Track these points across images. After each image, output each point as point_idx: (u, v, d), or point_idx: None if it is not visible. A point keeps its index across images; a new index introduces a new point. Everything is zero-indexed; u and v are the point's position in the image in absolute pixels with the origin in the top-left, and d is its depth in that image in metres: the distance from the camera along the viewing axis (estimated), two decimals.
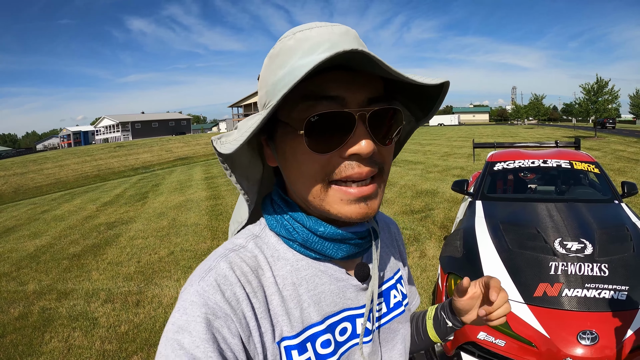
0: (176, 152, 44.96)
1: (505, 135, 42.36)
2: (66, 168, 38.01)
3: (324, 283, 0.79)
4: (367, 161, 0.71)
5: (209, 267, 0.71)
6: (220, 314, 0.66)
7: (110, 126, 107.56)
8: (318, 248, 0.78)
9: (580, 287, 3.12)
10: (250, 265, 0.73)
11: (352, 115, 0.68)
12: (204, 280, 0.69)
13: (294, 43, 0.71)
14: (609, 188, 5.06)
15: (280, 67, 0.71)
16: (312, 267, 0.79)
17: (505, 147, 7.26)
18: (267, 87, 0.73)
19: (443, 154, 23.89)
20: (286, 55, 0.71)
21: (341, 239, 0.78)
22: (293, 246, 0.79)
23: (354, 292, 0.83)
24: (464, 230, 4.24)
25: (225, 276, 0.69)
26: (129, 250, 8.35)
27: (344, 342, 0.81)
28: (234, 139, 0.70)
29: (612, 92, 37.09)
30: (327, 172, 0.71)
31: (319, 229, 0.76)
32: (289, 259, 0.78)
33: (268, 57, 0.76)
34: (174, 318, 0.66)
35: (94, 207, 14.68)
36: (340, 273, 0.82)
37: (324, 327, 0.78)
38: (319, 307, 0.78)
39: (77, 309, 5.60)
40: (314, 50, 0.69)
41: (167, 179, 22.05)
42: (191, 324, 0.64)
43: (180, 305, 0.67)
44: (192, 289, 0.68)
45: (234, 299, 0.68)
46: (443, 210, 9.50)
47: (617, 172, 14.09)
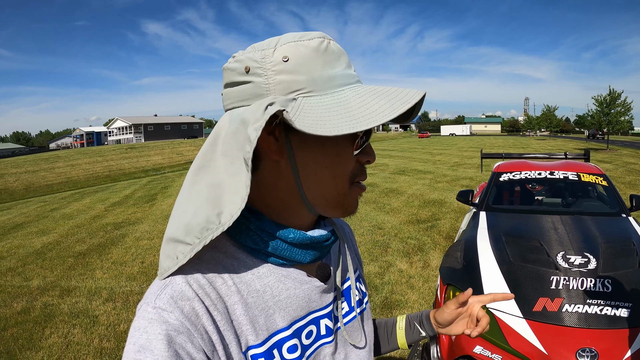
0: (187, 155, 45.21)
1: (516, 146, 42.18)
2: (77, 168, 38.35)
3: (288, 288, 0.79)
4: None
5: (164, 284, 0.70)
6: (182, 330, 0.64)
7: (122, 128, 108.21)
8: (287, 255, 0.77)
9: (582, 302, 3.05)
10: (206, 277, 0.72)
11: (372, 129, 0.75)
12: (160, 298, 0.67)
13: (336, 49, 0.76)
14: (616, 201, 4.97)
15: (329, 66, 0.74)
16: (274, 273, 0.78)
17: (513, 158, 7.23)
18: (312, 75, 0.72)
19: (453, 164, 23.80)
20: (333, 57, 0.75)
21: (309, 244, 0.79)
22: (258, 255, 0.77)
23: (317, 293, 0.84)
24: (465, 241, 4.19)
25: (181, 292, 0.68)
26: (134, 250, 8.39)
27: (310, 345, 0.82)
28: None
29: (624, 104, 36.94)
30: (352, 174, 0.78)
31: (289, 235, 0.76)
32: (250, 266, 0.77)
33: (312, 49, 0.73)
34: (134, 338, 0.63)
35: (103, 207, 14.81)
36: (302, 276, 0.81)
37: (291, 332, 0.78)
38: (285, 313, 0.78)
39: (79, 306, 5.64)
40: (350, 65, 0.79)
41: (177, 182, 22.14)
42: (152, 342, 0.62)
43: (138, 324, 0.65)
44: (149, 308, 0.66)
45: (193, 314, 0.66)
46: (449, 221, 9.45)
47: (628, 185, 13.95)
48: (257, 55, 0.73)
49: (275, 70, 0.72)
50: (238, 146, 0.68)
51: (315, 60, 0.73)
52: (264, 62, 0.72)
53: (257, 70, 0.72)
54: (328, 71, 0.73)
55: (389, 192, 13.66)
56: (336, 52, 0.75)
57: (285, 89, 0.71)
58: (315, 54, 0.73)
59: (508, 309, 3.15)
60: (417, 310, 4.94)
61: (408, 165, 22.80)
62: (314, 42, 0.73)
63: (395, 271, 6.37)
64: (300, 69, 0.72)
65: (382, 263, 6.75)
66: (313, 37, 0.74)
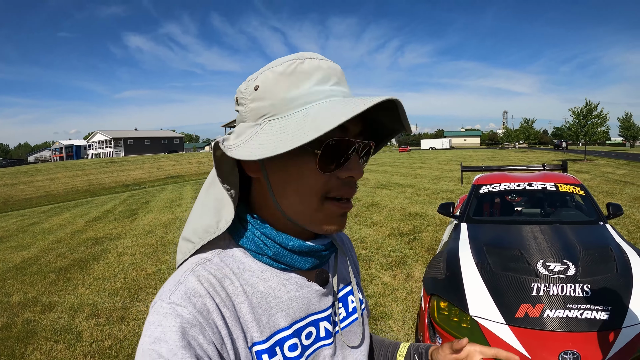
0: (167, 170, 44.91)
1: (495, 159, 42.72)
2: (57, 181, 37.83)
3: (289, 291, 0.84)
4: (354, 183, 0.82)
5: (178, 282, 0.75)
6: (195, 323, 0.69)
7: (102, 141, 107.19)
8: (287, 261, 0.83)
9: (562, 307, 3.14)
10: (217, 277, 0.77)
11: (353, 144, 0.78)
12: (175, 294, 0.72)
13: (308, 68, 0.78)
14: (594, 210, 5.12)
15: (294, 87, 0.77)
16: (277, 276, 0.84)
17: (492, 171, 7.36)
18: (274, 100, 0.77)
19: (433, 177, 24.06)
20: (300, 77, 0.77)
21: (308, 251, 0.85)
22: (262, 259, 0.83)
23: (317, 297, 0.89)
24: (447, 252, 4.26)
25: (194, 289, 0.73)
26: (115, 266, 8.29)
27: (309, 345, 0.87)
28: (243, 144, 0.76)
29: (601, 115, 37.70)
30: (325, 190, 0.79)
31: (289, 243, 0.82)
32: (255, 270, 0.82)
33: (276, 73, 0.78)
34: (149, 331, 0.68)
35: (83, 221, 14.61)
36: (302, 280, 0.87)
37: (291, 332, 0.83)
38: (286, 313, 0.83)
39: (61, 322, 5.55)
40: (326, 80, 0.78)
41: (158, 197, 21.99)
42: (167, 334, 0.66)
43: (153, 319, 0.69)
44: (164, 304, 0.71)
45: (204, 309, 0.71)
46: (431, 233, 9.53)
47: (605, 194, 14.26)
48: (243, 87, 0.83)
49: (249, 99, 0.81)
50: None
51: (279, 85, 0.78)
52: (246, 92, 0.82)
53: (241, 101, 0.83)
54: (292, 92, 0.76)
55: (370, 206, 13.73)
56: (307, 70, 0.77)
57: (255, 116, 0.79)
58: (280, 77, 0.78)
59: (491, 317, 3.23)
60: (401, 322, 4.99)
61: (389, 179, 22.94)
62: (281, 66, 0.78)
63: (379, 284, 6.40)
64: (266, 95, 0.78)
65: (366, 276, 6.78)
66: (285, 61, 0.79)
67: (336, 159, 0.78)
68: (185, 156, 66.74)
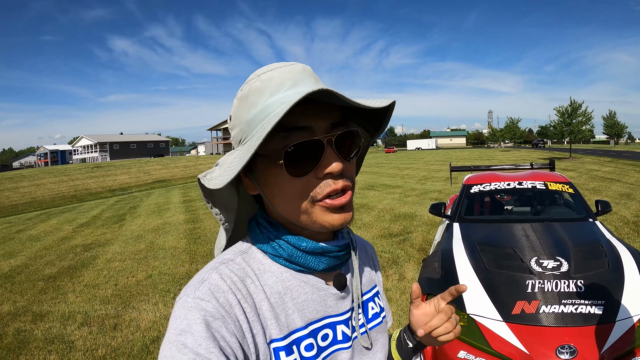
0: (154, 175, 44.69)
1: (482, 159, 42.99)
2: (42, 187, 37.46)
3: (306, 292, 0.87)
4: (339, 177, 0.82)
5: (202, 279, 0.78)
6: (218, 316, 0.72)
7: (88, 146, 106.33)
8: (302, 262, 0.86)
9: (557, 303, 3.19)
10: (238, 276, 0.81)
11: (321, 141, 0.79)
12: (199, 290, 0.75)
13: (260, 84, 0.81)
14: (583, 207, 5.19)
15: (252, 107, 0.81)
16: (295, 278, 0.87)
17: (481, 170, 7.41)
18: (242, 125, 0.83)
19: (421, 177, 24.20)
20: (255, 95, 0.81)
21: (322, 252, 0.88)
22: (278, 261, 0.87)
23: (334, 300, 0.91)
24: (441, 251, 4.29)
25: (217, 285, 0.77)
26: (105, 272, 8.22)
27: (326, 347, 0.88)
28: (219, 175, 0.81)
29: (585, 113, 38.10)
30: (309, 193, 0.80)
31: (302, 244, 0.86)
32: (274, 271, 0.86)
33: (237, 99, 0.85)
34: (175, 324, 0.71)
35: (71, 228, 14.48)
36: (320, 283, 0.89)
37: (307, 332, 0.85)
38: (302, 314, 0.85)
39: (53, 331, 5.48)
40: (279, 89, 0.80)
41: (145, 202, 21.89)
42: (192, 326, 0.69)
43: (178, 313, 0.73)
44: (189, 298, 0.74)
45: (227, 304, 0.75)
46: (421, 233, 9.58)
47: (592, 192, 14.46)
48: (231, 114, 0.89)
49: (230, 128, 0.90)
50: None
51: (240, 109, 0.84)
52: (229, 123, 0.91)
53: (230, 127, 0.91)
54: (252, 112, 0.80)
55: (359, 207, 13.75)
56: (259, 86, 0.81)
57: (235, 143, 0.87)
58: (240, 102, 0.84)
59: (488, 314, 3.27)
60: (396, 322, 5.01)
61: (377, 180, 23.01)
62: (240, 92, 0.84)
63: None
64: (235, 122, 0.86)
65: None
66: (243, 86, 0.85)
67: (305, 162, 0.79)
68: (171, 160, 66.43)
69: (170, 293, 6.67)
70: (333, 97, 0.74)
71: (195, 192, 24.41)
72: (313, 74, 0.87)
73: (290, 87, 0.80)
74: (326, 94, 0.73)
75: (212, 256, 8.79)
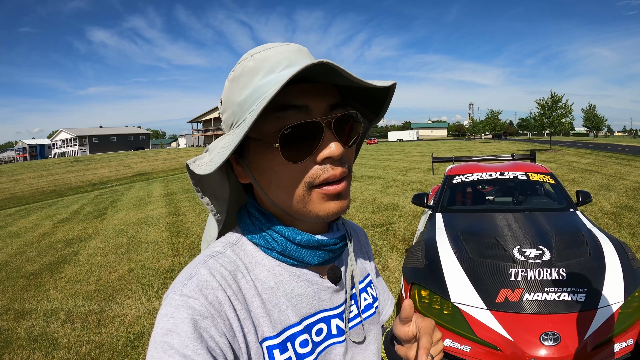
0: (135, 168, 44.19)
1: (463, 150, 43.27)
2: (21, 182, 36.83)
3: (300, 286, 0.84)
4: (338, 162, 0.78)
5: (190, 274, 0.74)
6: (207, 315, 0.68)
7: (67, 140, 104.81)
8: (296, 255, 0.83)
9: (540, 291, 3.25)
10: (229, 270, 0.77)
11: (320, 124, 0.74)
12: (187, 287, 0.71)
13: (255, 64, 0.76)
14: (564, 197, 5.28)
15: (245, 88, 0.76)
16: (288, 272, 0.83)
17: (463, 161, 7.47)
18: (233, 107, 0.78)
19: (402, 168, 24.31)
20: (248, 76, 0.76)
21: (317, 246, 0.84)
22: (271, 254, 0.83)
23: (328, 294, 0.88)
24: (425, 241, 4.32)
25: (206, 281, 0.72)
26: (87, 268, 8.12)
27: (320, 342, 0.86)
28: (209, 161, 0.76)
29: (565, 106, 38.50)
30: (305, 178, 0.76)
31: (297, 237, 0.82)
32: (266, 265, 0.82)
33: (229, 80, 0.80)
34: (161, 323, 0.67)
35: (51, 223, 14.25)
36: (314, 277, 0.86)
37: (302, 328, 0.82)
38: (296, 309, 0.82)
39: (36, 329, 5.41)
40: (274, 68, 0.75)
41: (126, 195, 21.58)
42: (179, 326, 0.66)
43: (165, 310, 0.69)
44: (176, 295, 0.70)
45: (216, 301, 0.71)
46: (403, 224, 9.65)
47: (572, 183, 14.70)
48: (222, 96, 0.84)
49: (221, 112, 0.85)
50: None
51: (232, 91, 0.79)
52: (219, 106, 0.86)
53: (220, 115, 0.86)
54: (244, 93, 0.76)
55: None
56: (253, 66, 0.76)
57: (227, 127, 0.83)
58: (232, 84, 0.80)
59: (472, 302, 3.32)
60: None
61: (358, 172, 22.98)
62: (232, 73, 0.80)
63: None
64: (227, 105, 0.81)
65: None
66: (235, 65, 0.80)
67: (303, 145, 0.75)
68: (152, 153, 65.74)
69: (154, 287, 6.62)
70: (332, 75, 0.71)
71: (177, 185, 24.20)
72: (309, 54, 0.83)
73: (287, 67, 0.76)
74: (325, 70, 0.69)
75: (195, 249, 8.81)
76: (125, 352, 4.58)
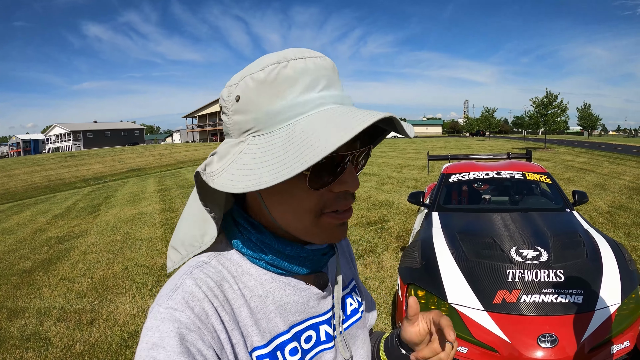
0: (129, 163, 44.02)
1: (458, 147, 43.41)
2: (15, 178, 36.61)
3: (288, 294, 0.82)
4: (351, 195, 0.77)
5: (175, 286, 0.72)
6: (193, 328, 0.67)
7: (61, 135, 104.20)
8: (285, 266, 0.81)
9: (538, 292, 3.24)
10: (215, 280, 0.75)
11: (346, 157, 0.72)
12: (172, 299, 0.69)
13: (293, 73, 0.70)
14: (560, 197, 5.28)
15: (279, 97, 0.70)
16: (275, 280, 0.82)
17: (459, 159, 7.47)
18: (258, 114, 0.71)
19: (397, 165, 24.35)
20: (285, 85, 0.70)
21: (306, 257, 0.83)
22: (259, 264, 0.81)
23: (315, 300, 0.87)
24: (421, 241, 4.31)
25: (192, 293, 0.71)
26: (81, 265, 8.06)
27: (310, 349, 0.85)
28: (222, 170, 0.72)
29: (561, 105, 38.66)
30: (319, 205, 0.75)
31: (287, 249, 0.80)
32: (253, 274, 0.80)
33: (258, 82, 0.71)
34: (147, 337, 0.66)
35: (44, 219, 14.17)
36: (301, 284, 0.85)
37: (290, 336, 0.81)
38: (284, 317, 0.81)
39: (29, 328, 5.35)
40: (314, 86, 0.71)
41: (120, 191, 21.49)
42: (165, 340, 0.64)
43: (151, 324, 0.67)
44: (162, 308, 0.69)
45: (203, 313, 0.69)
46: (399, 222, 9.65)
47: (566, 182, 14.76)
48: (225, 93, 0.77)
49: (232, 111, 0.75)
50: None
51: (261, 95, 0.71)
52: (228, 101, 0.76)
53: (224, 110, 0.77)
54: (277, 104, 0.70)
55: None
56: (291, 76, 0.70)
57: (239, 130, 0.74)
58: (261, 87, 0.71)
59: (469, 303, 3.31)
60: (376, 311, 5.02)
61: None
62: (262, 72, 0.71)
63: None
64: (248, 107, 0.72)
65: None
66: (266, 65, 0.71)
67: (328, 175, 0.72)
68: (146, 148, 65.42)
69: (147, 285, 6.58)
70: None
71: (171, 181, 24.17)
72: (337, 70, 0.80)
73: (325, 88, 0.72)
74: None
75: None
76: (119, 352, 4.54)
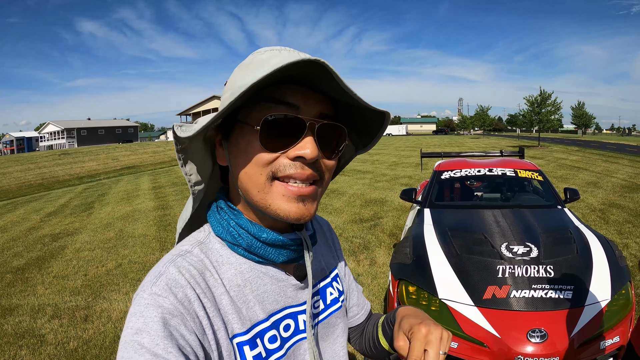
0: (123, 161, 43.84)
1: (452, 145, 43.43)
2: (8, 176, 36.40)
3: (265, 284, 0.86)
4: (310, 166, 0.79)
5: (159, 273, 0.75)
6: (176, 313, 0.69)
7: (55, 132, 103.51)
8: (261, 253, 0.84)
9: (528, 288, 3.27)
10: (197, 269, 0.78)
11: (304, 122, 0.77)
12: (156, 285, 0.72)
13: (265, 57, 0.78)
14: (552, 194, 5.31)
15: (248, 74, 0.75)
16: (254, 269, 0.85)
17: (452, 157, 7.49)
18: (233, 89, 0.75)
19: (391, 163, 24.40)
20: (256, 65, 0.77)
21: (282, 245, 0.85)
22: (237, 250, 0.85)
23: (293, 290, 0.91)
24: (413, 237, 4.33)
25: (175, 279, 0.74)
26: (75, 263, 8.05)
27: (288, 338, 0.88)
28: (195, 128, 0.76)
29: (554, 103, 38.76)
30: (272, 169, 0.77)
31: (262, 235, 0.83)
32: (233, 262, 0.84)
33: (239, 66, 0.83)
34: (131, 322, 0.68)
35: (38, 217, 14.09)
36: (280, 274, 0.89)
37: (270, 324, 0.85)
38: (263, 306, 0.85)
39: (23, 325, 5.35)
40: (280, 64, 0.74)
41: (114, 189, 21.41)
42: (149, 325, 0.67)
43: (135, 309, 0.70)
44: (146, 294, 0.71)
45: (186, 299, 0.72)
46: (392, 219, 9.70)
47: (559, 179, 14.84)
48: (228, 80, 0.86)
49: (223, 93, 0.84)
50: None
51: (237, 76, 0.82)
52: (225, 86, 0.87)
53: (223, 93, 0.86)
54: (246, 78, 0.73)
55: (330, 192, 13.81)
56: (263, 59, 0.78)
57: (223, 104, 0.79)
58: (239, 69, 0.83)
59: (460, 299, 3.34)
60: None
61: (347, 166, 22.84)
62: (243, 61, 0.83)
63: None
64: (228, 87, 0.82)
65: None
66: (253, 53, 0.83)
67: (282, 138, 0.77)
68: (140, 146, 65.11)
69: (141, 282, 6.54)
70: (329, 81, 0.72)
71: (165, 179, 24.10)
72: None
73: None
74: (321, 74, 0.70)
75: None
76: (113, 348, 4.55)
